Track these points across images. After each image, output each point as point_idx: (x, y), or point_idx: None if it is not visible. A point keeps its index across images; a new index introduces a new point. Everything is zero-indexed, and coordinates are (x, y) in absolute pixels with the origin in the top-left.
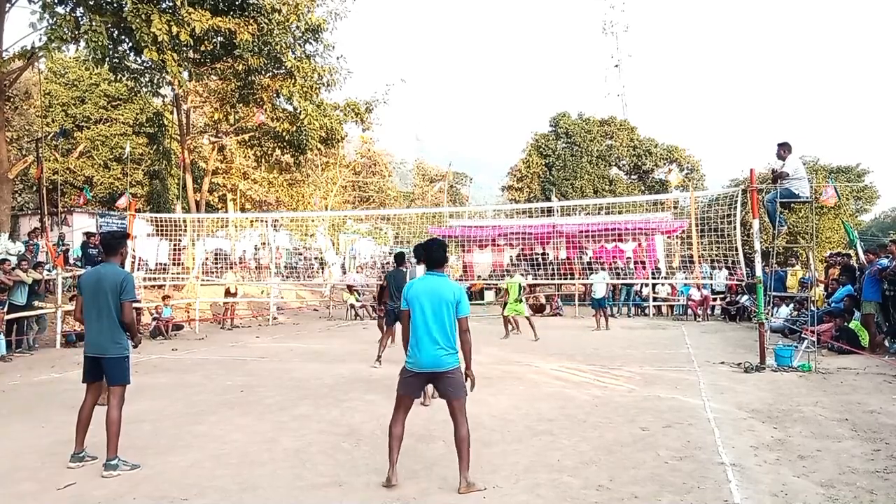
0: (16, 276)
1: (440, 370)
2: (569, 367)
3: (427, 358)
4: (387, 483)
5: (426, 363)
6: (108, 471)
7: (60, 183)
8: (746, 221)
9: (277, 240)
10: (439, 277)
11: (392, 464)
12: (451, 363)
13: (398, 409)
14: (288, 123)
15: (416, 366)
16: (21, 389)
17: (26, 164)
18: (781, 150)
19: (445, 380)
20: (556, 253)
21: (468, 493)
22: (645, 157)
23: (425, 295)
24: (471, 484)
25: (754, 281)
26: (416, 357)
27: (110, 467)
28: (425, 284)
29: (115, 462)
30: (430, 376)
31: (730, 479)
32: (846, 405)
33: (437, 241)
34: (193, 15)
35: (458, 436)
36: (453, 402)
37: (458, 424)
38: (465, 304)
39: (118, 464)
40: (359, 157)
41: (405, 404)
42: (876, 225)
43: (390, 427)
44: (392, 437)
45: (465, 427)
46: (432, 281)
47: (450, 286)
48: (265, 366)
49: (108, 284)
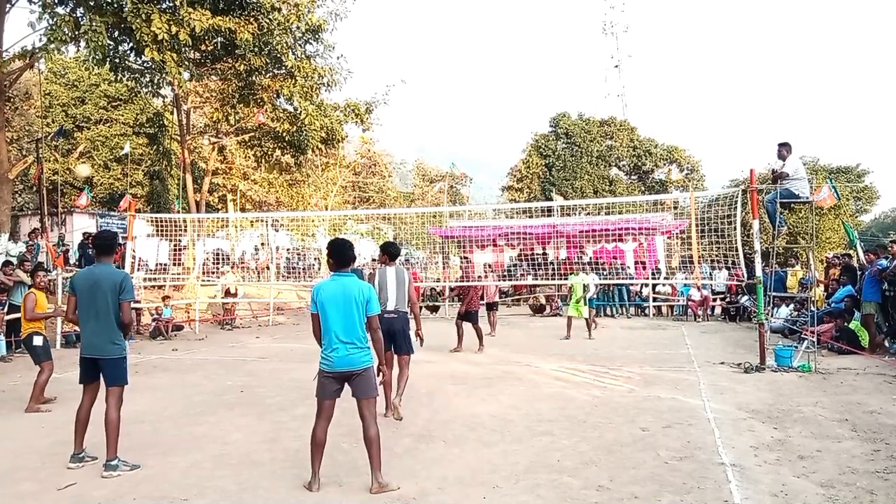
0: (16, 276)
1: (354, 369)
2: (569, 367)
3: (339, 359)
4: (308, 488)
5: (339, 364)
6: (108, 471)
7: (60, 183)
8: (746, 222)
9: (277, 240)
10: (347, 278)
11: (314, 471)
12: (363, 362)
13: (320, 414)
14: (288, 124)
15: (330, 367)
16: (21, 389)
17: (26, 164)
18: (782, 150)
19: (359, 378)
20: (556, 253)
21: (380, 492)
22: (645, 157)
23: (334, 296)
24: (382, 484)
25: (754, 281)
26: (329, 358)
27: (110, 468)
28: (334, 286)
29: (115, 463)
30: (345, 375)
31: (730, 480)
32: (846, 405)
33: (343, 240)
34: (193, 14)
35: (367, 435)
36: (363, 400)
37: (367, 424)
38: (375, 302)
39: (118, 464)
40: (359, 158)
41: (326, 407)
42: (876, 225)
43: (313, 433)
44: (314, 443)
45: (375, 427)
46: (340, 282)
47: (358, 285)
48: (265, 366)
49: (107, 285)
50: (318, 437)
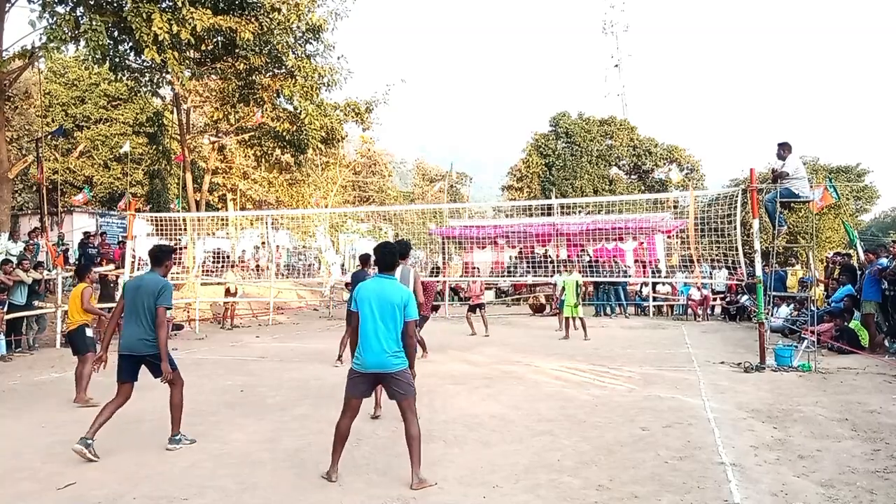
0: (16, 276)
1: (387, 371)
2: (569, 367)
3: (373, 359)
4: (327, 478)
5: (372, 364)
6: (171, 444)
7: (60, 183)
8: (746, 221)
9: (277, 239)
10: (389, 280)
11: (334, 461)
12: (397, 365)
13: (346, 410)
14: (288, 123)
15: (363, 367)
16: (21, 389)
17: (26, 164)
18: (782, 150)
19: (393, 380)
20: (556, 252)
21: (421, 488)
22: (645, 156)
23: (374, 297)
24: (422, 480)
25: (754, 281)
26: (362, 358)
27: (174, 441)
28: (375, 286)
29: (178, 437)
30: (378, 377)
31: (730, 479)
32: (846, 405)
33: (390, 244)
34: (195, 14)
35: (409, 433)
36: (402, 402)
37: (408, 423)
38: (413, 307)
39: (181, 438)
40: (359, 157)
41: (353, 406)
42: (876, 225)
43: (337, 426)
44: (337, 435)
45: (416, 426)
46: (382, 283)
47: (398, 290)
48: (265, 366)
49: (149, 289)
50: (342, 431)
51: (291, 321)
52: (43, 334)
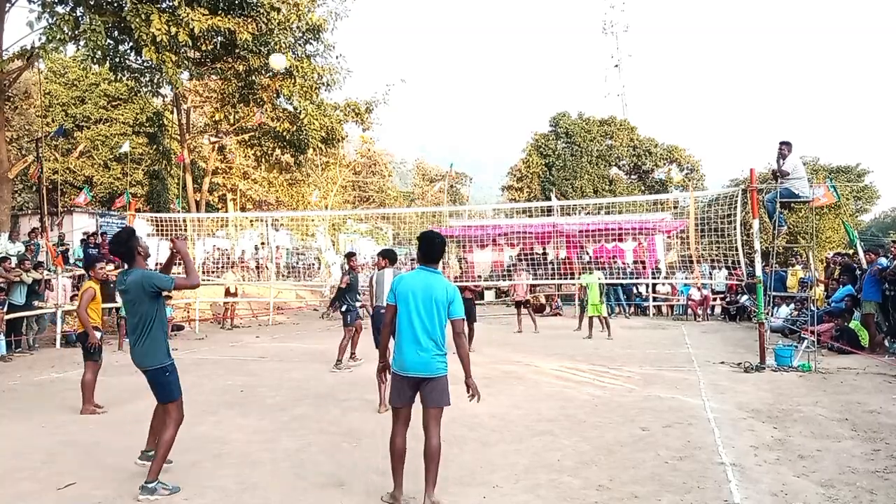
0: (15, 273)
1: (427, 375)
2: (569, 367)
3: (412, 360)
4: (392, 500)
5: (412, 366)
6: (143, 495)
7: (60, 183)
8: (746, 221)
9: (277, 239)
10: (434, 274)
11: (397, 484)
12: (438, 369)
13: (396, 422)
14: (288, 123)
15: (402, 369)
16: (21, 389)
17: (26, 164)
18: (782, 149)
19: (431, 384)
20: (556, 252)
21: None
22: (645, 156)
23: (419, 291)
24: (435, 502)
25: (754, 281)
26: (402, 360)
27: (147, 491)
28: (418, 280)
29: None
30: (418, 380)
31: (730, 479)
32: (846, 405)
33: (435, 233)
34: (192, 15)
35: (429, 447)
36: (430, 409)
37: (429, 435)
38: (460, 304)
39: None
40: (359, 157)
41: (403, 416)
42: (876, 225)
43: (391, 441)
44: (393, 452)
45: (437, 439)
46: (426, 277)
47: (444, 284)
48: (265, 366)
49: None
50: (398, 446)
51: (291, 321)
52: (43, 334)
